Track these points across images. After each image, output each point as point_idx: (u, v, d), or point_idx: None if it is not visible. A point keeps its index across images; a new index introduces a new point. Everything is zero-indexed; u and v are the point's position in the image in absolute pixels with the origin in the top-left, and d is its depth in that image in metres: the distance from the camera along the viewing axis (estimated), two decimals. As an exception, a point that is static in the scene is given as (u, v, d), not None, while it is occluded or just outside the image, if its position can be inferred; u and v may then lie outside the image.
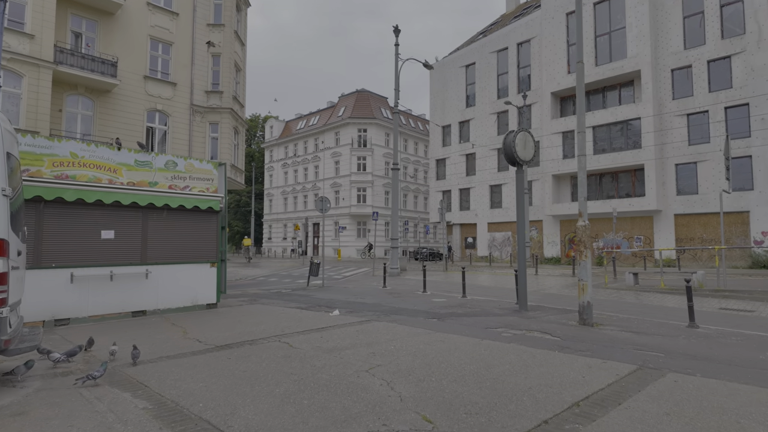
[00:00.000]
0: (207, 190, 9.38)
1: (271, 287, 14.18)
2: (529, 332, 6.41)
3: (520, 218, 8.65)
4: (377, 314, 8.04)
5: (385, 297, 10.85)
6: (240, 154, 25.21)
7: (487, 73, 34.31)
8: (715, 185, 23.63)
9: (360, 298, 10.76)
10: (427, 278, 16.64)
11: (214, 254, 9.24)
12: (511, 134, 8.51)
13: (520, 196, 8.64)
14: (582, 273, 7.17)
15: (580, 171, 7.52)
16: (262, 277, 18.99)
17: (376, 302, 9.84)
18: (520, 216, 8.66)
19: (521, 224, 8.62)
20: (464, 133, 36.07)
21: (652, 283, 13.31)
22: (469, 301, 9.89)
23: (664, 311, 8.79)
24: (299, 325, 6.88)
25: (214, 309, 9.00)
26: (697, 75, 24.51)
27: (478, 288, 13.32)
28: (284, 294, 11.79)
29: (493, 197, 33.80)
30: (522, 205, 8.65)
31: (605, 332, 6.45)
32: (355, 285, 14.43)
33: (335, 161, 45.54)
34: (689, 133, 24.76)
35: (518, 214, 8.67)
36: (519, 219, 8.65)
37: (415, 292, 11.83)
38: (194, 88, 22.60)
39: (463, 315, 7.95)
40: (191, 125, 22.36)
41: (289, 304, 9.60)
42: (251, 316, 7.85)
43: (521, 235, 8.59)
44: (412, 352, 5.09)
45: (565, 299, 10.68)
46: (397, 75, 18.39)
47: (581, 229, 7.25)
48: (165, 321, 7.52)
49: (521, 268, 8.52)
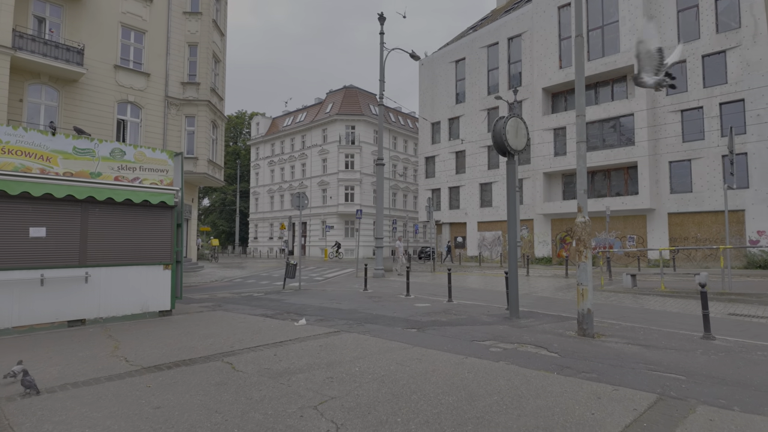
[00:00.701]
0: (161, 182, 8.33)
1: (244, 290, 13.15)
2: (522, 346, 5.49)
3: (511, 215, 7.73)
4: (350, 323, 7.08)
5: (363, 301, 9.89)
6: (219, 149, 24.08)
7: (477, 69, 33.49)
8: (709, 183, 23.03)
9: (336, 302, 9.78)
10: (413, 280, 15.74)
11: (169, 255, 8.20)
12: (501, 121, 7.60)
13: (512, 190, 7.73)
14: (582, 276, 6.27)
15: (579, 160, 6.63)
16: (239, 279, 17.93)
17: (352, 308, 8.87)
18: (511, 213, 7.75)
19: (512, 221, 7.71)
20: (454, 130, 35.23)
21: (651, 284, 12.51)
22: (455, 307, 8.96)
23: (670, 318, 7.94)
24: (255, 339, 5.89)
25: (168, 317, 7.96)
26: (692, 70, 23.89)
27: (466, 291, 12.41)
28: (255, 298, 10.77)
29: (483, 196, 33.00)
30: (513, 201, 7.74)
31: (609, 345, 5.55)
32: (335, 287, 13.45)
33: (322, 159, 44.47)
34: (683, 130, 24.14)
35: (509, 211, 7.76)
36: (510, 216, 7.73)
37: (398, 296, 10.89)
38: (169, 79, 21.43)
39: (447, 324, 7.02)
40: (166, 118, 21.19)
41: (254, 311, 8.59)
42: (204, 327, 6.84)
43: (512, 234, 7.68)
44: (380, 377, 4.13)
45: (559, 304, 9.80)
46: (382, 66, 17.43)
47: (581, 226, 6.35)
48: (103, 332, 6.49)
49: (512, 270, 7.60)
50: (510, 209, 7.74)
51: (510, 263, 7.63)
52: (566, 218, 28.05)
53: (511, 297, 7.62)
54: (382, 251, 17.15)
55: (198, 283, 16.23)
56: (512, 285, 7.60)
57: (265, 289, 13.18)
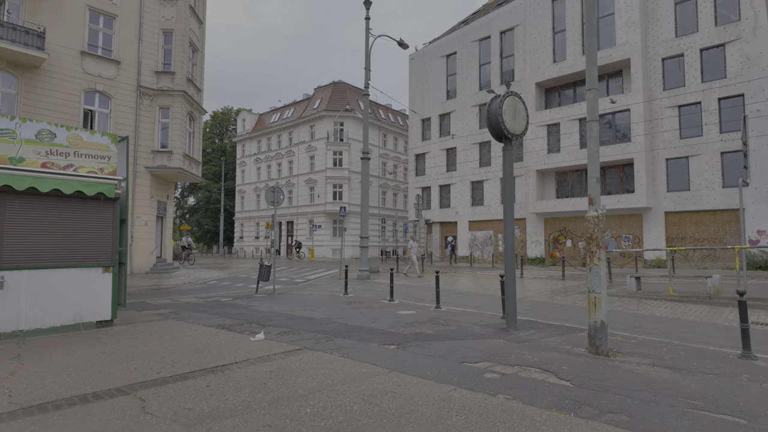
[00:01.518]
0: (101, 171, 7.14)
1: (213, 294, 11.97)
2: (524, 370, 4.42)
3: (508, 210, 6.66)
4: (317, 337, 5.96)
5: (341, 308, 8.77)
6: (196, 143, 22.79)
7: (469, 63, 32.51)
8: (708, 181, 22.26)
9: (309, 309, 8.65)
10: (398, 282, 14.65)
11: (110, 255, 7.01)
12: (496, 100, 6.53)
13: (509, 182, 6.66)
14: (594, 281, 5.22)
15: (591, 142, 5.59)
16: (215, 281, 16.72)
17: (326, 316, 7.75)
18: (508, 208, 6.67)
19: (509, 218, 6.64)
20: (445, 126, 34.22)
21: (656, 288, 11.55)
22: (443, 315, 7.87)
23: (689, 329, 6.93)
24: (193, 360, 4.74)
25: (106, 329, 6.78)
26: (690, 64, 23.11)
27: (456, 295, 11.35)
28: (220, 304, 9.60)
29: (474, 194, 32.03)
30: (510, 194, 6.67)
31: (631, 368, 4.50)
32: (314, 291, 12.32)
33: (310, 156, 43.22)
34: (681, 126, 23.36)
35: (506, 206, 6.69)
36: (507, 212, 6.67)
37: (380, 301, 9.78)
38: (142, 68, 20.10)
39: (433, 337, 5.93)
40: (138, 109, 19.86)
41: (212, 320, 7.44)
42: (142, 342, 5.68)
43: (509, 232, 6.61)
44: (337, 424, 3.02)
45: (560, 310, 8.77)
46: (367, 53, 16.32)
47: (593, 221, 5.29)
48: (13, 350, 5.30)
49: (509, 273, 6.54)
50: (507, 204, 6.67)
51: (506, 266, 6.56)
52: (560, 217, 27.17)
53: (508, 304, 6.56)
54: (368, 251, 16.03)
55: (169, 286, 14.99)
56: (509, 290, 6.53)
57: (238, 293, 12.01)
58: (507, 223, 6.61)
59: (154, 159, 19.98)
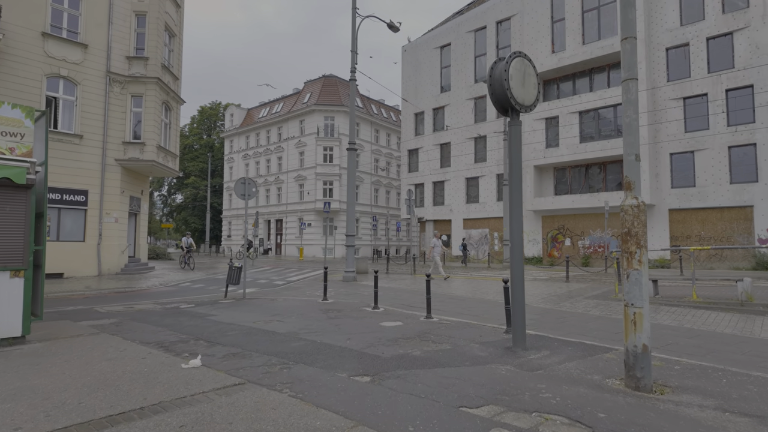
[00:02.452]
0: (11, 151, 5.75)
1: (177, 299, 10.60)
2: (546, 419, 3.13)
3: (515, 200, 5.35)
4: (272, 363, 4.63)
5: (314, 318, 7.44)
6: (173, 134, 21.31)
7: (464, 55, 31.24)
8: (714, 177, 21.15)
9: (277, 321, 7.32)
10: (385, 284, 13.34)
11: (21, 256, 5.63)
12: (501, 62, 5.22)
13: (515, 166, 5.35)
14: (633, 292, 3.94)
15: (627, 107, 4.33)
16: (187, 283, 15.34)
17: (292, 330, 6.42)
18: (515, 197, 5.36)
19: (516, 210, 5.33)
20: (438, 120, 32.94)
21: (673, 292, 10.33)
22: (434, 328, 6.57)
23: (737, 346, 5.68)
24: (84, 404, 3.40)
25: (14, 347, 5.40)
26: (695, 54, 21.98)
27: (451, 301, 10.05)
28: (176, 312, 8.24)
29: (469, 191, 30.79)
30: (518, 181, 5.36)
31: (694, 415, 3.22)
32: (290, 296, 10.97)
33: (300, 152, 41.79)
34: (686, 119, 22.23)
35: (512, 195, 5.38)
36: (513, 202, 5.36)
37: (363, 309, 8.46)
38: (112, 52, 18.60)
39: (421, 363, 4.62)
40: (107, 97, 18.37)
41: (153, 336, 6.09)
42: (37, 372, 4.32)
43: (516, 227, 5.31)
44: None
45: (572, 321, 7.50)
46: (354, 34, 14.96)
47: (632, 211, 4.02)
48: None
49: (516, 279, 5.24)
50: (513, 193, 5.36)
51: (513, 269, 5.26)
52: (558, 215, 26.00)
53: (515, 317, 5.25)
54: (354, 251, 14.71)
55: (135, 289, 13.61)
56: (516, 300, 5.23)
57: (204, 298, 10.65)
58: (513, 217, 5.31)
59: (125, 151, 18.52)
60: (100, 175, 17.93)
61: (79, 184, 17.33)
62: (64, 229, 17.04)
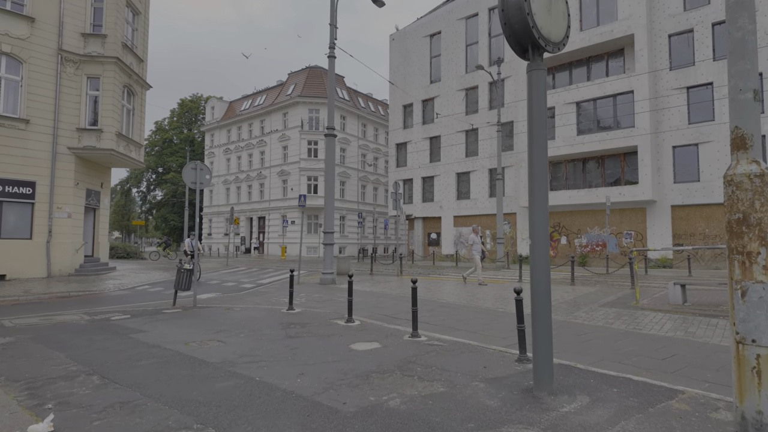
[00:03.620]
0: None
1: (116, 306, 8.88)
2: None
3: (538, 178, 3.72)
4: (167, 425, 2.96)
5: (264, 339, 5.77)
6: (137, 122, 19.37)
7: (455, 44, 29.70)
8: (720, 171, 19.88)
9: (214, 342, 5.64)
10: (371, 288, 11.70)
11: None
12: (518, -20, 3.59)
13: (539, 126, 3.73)
14: (754, 321, 2.36)
15: (737, 11, 2.72)
16: (146, 286, 13.56)
17: (227, 359, 4.75)
18: (538, 173, 3.73)
19: (539, 190, 3.70)
20: (428, 113, 31.36)
21: (705, 298, 8.84)
22: (422, 353, 4.95)
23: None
24: None
25: None
26: (700, 41, 20.69)
27: (441, 310, 8.44)
28: (98, 328, 6.52)
29: (460, 187, 29.28)
30: (541, 150, 3.72)
31: None
32: (252, 303, 9.28)
33: (283, 146, 39.91)
34: (689, 110, 20.95)
35: (534, 171, 3.75)
36: (536, 180, 3.73)
37: (334, 322, 6.82)
38: (65, 28, 16.64)
39: (402, 425, 2.99)
40: (59, 77, 16.42)
41: (35, 369, 4.39)
42: None
43: (539, 214, 3.68)
44: None
45: (597, 340, 5.93)
46: (333, 5, 13.25)
47: (749, 184, 2.46)
48: None
49: (541, 290, 3.62)
50: (536, 168, 3.73)
51: (536, 276, 3.64)
52: (554, 211, 24.60)
53: (540, 349, 3.62)
54: (333, 249, 13.04)
55: (82, 293, 11.84)
56: (541, 323, 3.61)
57: (148, 306, 8.92)
58: (536, 202, 3.70)
59: (80, 138, 16.60)
60: (50, 164, 16.01)
61: (25, 175, 15.40)
62: (7, 226, 15.11)
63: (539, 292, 3.63)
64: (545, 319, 3.61)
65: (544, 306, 3.62)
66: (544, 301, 3.63)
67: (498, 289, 11.72)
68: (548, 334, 3.61)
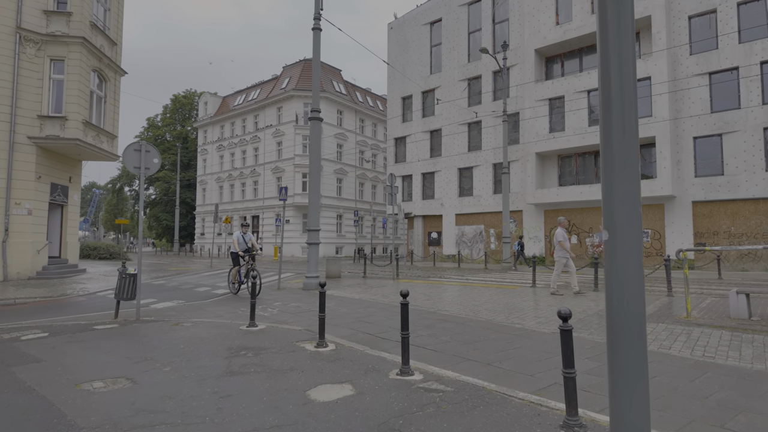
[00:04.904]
0: None
1: (49, 319, 7.29)
2: None
3: (629, 127, 2.07)
4: None
5: (191, 379, 4.11)
6: (109, 110, 17.71)
7: (456, 32, 28.02)
8: (747, 163, 18.20)
9: (124, 380, 4.00)
10: (360, 295, 9.98)
11: None
12: None
13: (626, 38, 2.07)
14: None
15: None
16: (106, 292, 11.91)
17: (113, 418, 3.09)
18: (627, 121, 2.08)
19: (629, 154, 2.05)
20: (428, 105, 29.69)
21: (762, 309, 7.17)
22: (415, 407, 3.29)
23: None
24: None
25: None
26: (724, 22, 18.99)
27: (442, 327, 6.77)
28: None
29: (462, 183, 27.61)
30: (629, 87, 2.08)
31: None
32: (206, 317, 7.63)
33: (277, 141, 38.27)
34: (712, 98, 19.25)
35: (604, 118, 2.20)
36: (627, 131, 2.09)
37: (297, 347, 5.16)
38: (24, 4, 14.99)
39: None
40: (17, 59, 14.80)
41: None
42: None
43: (624, 181, 2.02)
44: None
45: (666, 372, 4.21)
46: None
47: None
48: None
49: (626, 313, 1.96)
50: (626, 106, 2.09)
51: (615, 295, 1.99)
52: (563, 208, 22.93)
53: (626, 420, 1.95)
54: (318, 249, 11.39)
55: (29, 301, 10.31)
56: (627, 373, 1.95)
57: (87, 318, 7.29)
58: (616, 158, 2.03)
59: (42, 127, 14.98)
60: (7, 155, 14.40)
61: (-24, 167, 13.79)
62: (-45, 223, 13.50)
63: (626, 321, 1.99)
64: (635, 364, 1.98)
65: (634, 344, 1.98)
66: (633, 334, 1.99)
67: (509, 296, 10.06)
68: (644, 393, 1.97)
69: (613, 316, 2.02)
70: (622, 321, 2.00)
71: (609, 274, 2.05)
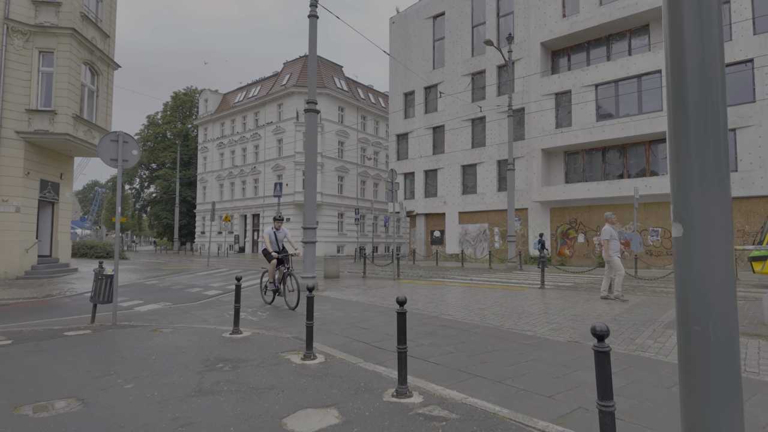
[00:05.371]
0: None
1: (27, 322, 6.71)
2: None
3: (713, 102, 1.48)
4: None
5: (157, 397, 3.54)
6: (102, 105, 17.18)
7: (460, 25, 27.36)
8: (762, 159, 17.50)
9: (75, 402, 3.45)
10: (358, 298, 9.39)
11: None
12: None
13: None
14: None
15: None
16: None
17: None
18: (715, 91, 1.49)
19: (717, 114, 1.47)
20: (431, 101, 29.05)
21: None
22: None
23: None
24: None
25: None
26: (737, 12, 18.27)
27: (446, 334, 6.17)
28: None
29: (465, 180, 26.97)
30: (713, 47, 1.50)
31: None
32: (189, 322, 7.06)
33: (278, 139, 37.73)
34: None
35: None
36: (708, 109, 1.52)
37: (282, 359, 4.59)
38: (11, -6, 14.55)
39: None
40: (4, 51, 14.29)
41: None
42: None
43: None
44: None
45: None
46: (315, -44, 11.03)
47: None
48: None
49: (718, 329, 1.36)
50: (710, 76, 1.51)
51: (698, 306, 1.39)
52: (570, 206, 22.28)
53: None
54: (314, 248, 10.82)
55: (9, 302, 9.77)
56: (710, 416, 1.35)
57: (62, 322, 6.75)
58: (692, 131, 1.44)
59: (30, 122, 14.47)
60: (-6, 151, 13.88)
61: (-38, 162, 13.29)
62: (-60, 221, 13.00)
63: (714, 355, 1.39)
64: (728, 402, 1.38)
65: (724, 373, 1.39)
66: (723, 359, 1.40)
67: (517, 298, 9.46)
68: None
69: (690, 345, 1.43)
70: (708, 354, 1.40)
71: (682, 285, 1.46)
